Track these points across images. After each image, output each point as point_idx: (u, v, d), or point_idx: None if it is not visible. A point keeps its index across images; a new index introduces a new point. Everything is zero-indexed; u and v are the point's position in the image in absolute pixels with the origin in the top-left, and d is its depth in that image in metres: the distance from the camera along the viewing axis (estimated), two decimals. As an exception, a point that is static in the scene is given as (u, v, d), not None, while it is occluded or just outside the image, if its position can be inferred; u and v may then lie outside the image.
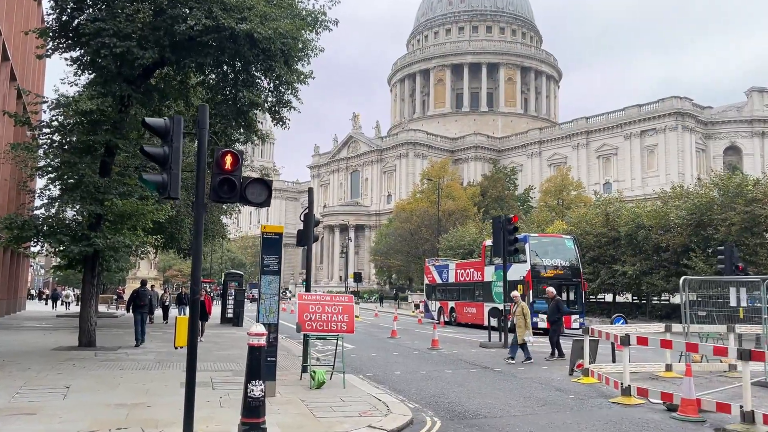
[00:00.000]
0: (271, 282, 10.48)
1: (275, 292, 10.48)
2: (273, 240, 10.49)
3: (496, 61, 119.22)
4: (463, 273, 34.07)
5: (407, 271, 68.11)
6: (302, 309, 11.67)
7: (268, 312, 10.37)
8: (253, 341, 7.33)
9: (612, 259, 33.30)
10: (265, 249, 10.41)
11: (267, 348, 9.16)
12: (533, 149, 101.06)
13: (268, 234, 10.45)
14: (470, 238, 49.54)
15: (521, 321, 16.65)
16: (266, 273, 10.45)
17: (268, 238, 10.44)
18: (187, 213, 26.52)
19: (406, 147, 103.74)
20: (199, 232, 7.68)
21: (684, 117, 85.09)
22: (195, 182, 7.82)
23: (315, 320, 11.66)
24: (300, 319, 11.58)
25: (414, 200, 68.80)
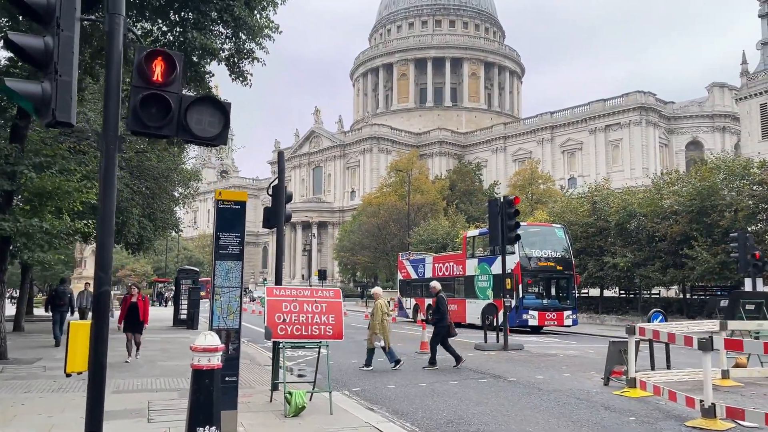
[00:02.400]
0: (230, 270, 7.48)
1: (236, 285, 7.46)
2: (233, 211, 7.50)
3: (460, 56, 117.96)
4: (442, 267, 31.40)
5: (373, 268, 65.32)
6: (273, 308, 8.67)
7: (225, 312, 7.34)
8: (201, 361, 4.37)
9: (600, 250, 31.18)
10: (221, 223, 7.41)
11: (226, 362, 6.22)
12: (498, 144, 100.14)
13: (226, 203, 7.46)
14: (443, 232, 47.03)
15: (375, 322, 13.84)
16: (223, 257, 7.46)
17: (226, 208, 7.45)
18: (132, 197, 23.09)
19: (370, 142, 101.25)
20: (110, 184, 4.69)
21: (648, 112, 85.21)
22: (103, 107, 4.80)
23: (290, 323, 8.67)
24: (270, 321, 8.57)
25: (381, 194, 66.02)
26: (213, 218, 7.60)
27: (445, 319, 14.29)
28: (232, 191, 7.77)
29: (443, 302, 14.47)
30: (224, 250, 7.45)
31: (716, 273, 24.94)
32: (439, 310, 14.38)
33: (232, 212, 7.56)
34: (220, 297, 7.39)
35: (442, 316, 14.30)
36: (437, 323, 14.37)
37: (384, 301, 14.48)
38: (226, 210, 7.52)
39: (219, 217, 7.45)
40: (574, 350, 18.10)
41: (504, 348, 17.49)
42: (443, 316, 14.28)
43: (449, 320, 14.39)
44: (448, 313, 14.47)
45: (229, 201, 7.54)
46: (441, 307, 14.38)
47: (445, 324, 14.25)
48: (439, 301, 14.54)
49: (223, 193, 7.48)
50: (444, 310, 14.32)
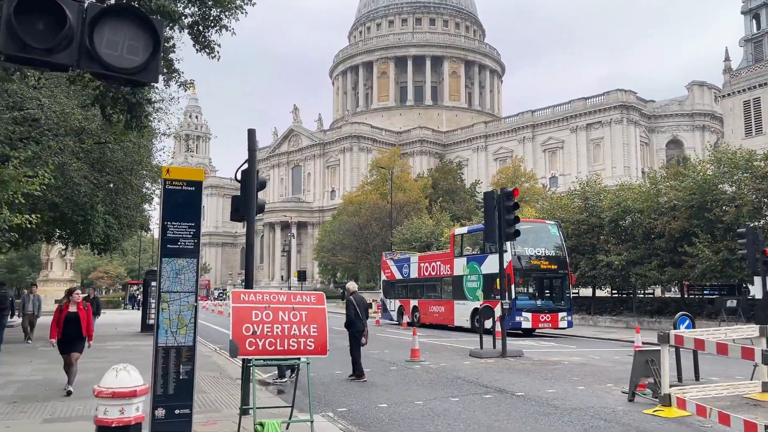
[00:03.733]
0: (181, 271, 5.83)
1: (189, 289, 5.78)
2: (186, 195, 5.85)
3: (441, 54, 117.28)
4: (428, 267, 29.84)
5: (355, 269, 63.57)
6: (240, 317, 6.98)
7: (175, 325, 5.65)
8: (109, 414, 2.73)
9: (593, 248, 29.87)
10: (170, 210, 5.76)
11: (177, 390, 4.55)
12: (479, 143, 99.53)
13: (177, 183, 5.78)
14: (427, 230, 45.49)
15: None
16: (172, 254, 5.78)
17: (176, 190, 5.77)
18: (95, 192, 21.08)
19: (350, 140, 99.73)
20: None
21: (629, 110, 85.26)
22: None
23: (262, 335, 7.00)
24: (236, 333, 6.89)
25: (362, 192, 64.28)
26: (161, 202, 5.89)
27: (355, 325, 12.53)
28: (186, 168, 6.11)
29: (352, 306, 12.59)
30: (174, 244, 5.78)
31: (718, 271, 23.76)
32: (347, 316, 12.66)
33: (185, 196, 5.89)
34: (168, 305, 5.69)
35: (350, 321, 12.57)
36: (349, 329, 12.61)
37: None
38: (177, 193, 5.85)
39: (167, 202, 5.79)
40: (578, 356, 16.64)
41: (502, 355, 15.96)
42: (351, 321, 12.55)
43: (364, 326, 12.62)
44: (363, 317, 12.63)
45: (181, 181, 5.88)
46: (349, 311, 12.61)
47: (357, 330, 12.51)
48: (347, 306, 12.75)
49: (172, 171, 5.81)
50: (352, 315, 12.55)
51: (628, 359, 15.93)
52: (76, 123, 19.19)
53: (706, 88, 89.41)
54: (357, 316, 12.47)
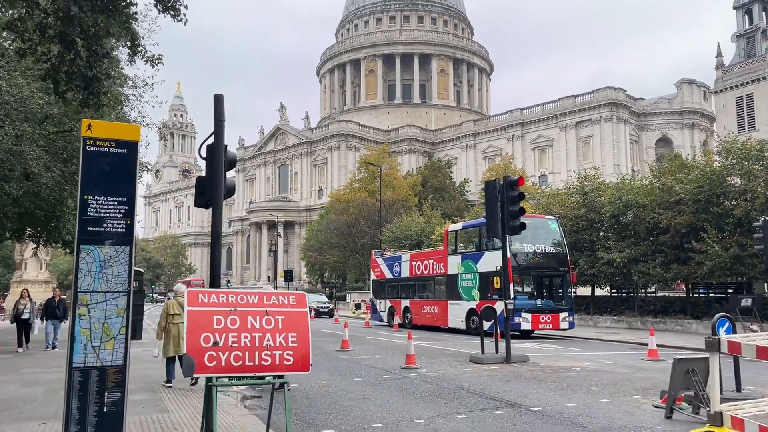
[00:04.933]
0: (107, 262, 4.30)
1: (121, 288, 4.25)
2: (114, 158, 4.33)
3: (429, 52, 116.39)
4: (420, 266, 28.37)
5: (343, 268, 62.04)
6: (197, 324, 5.46)
7: (99, 337, 4.13)
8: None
9: (592, 245, 28.56)
10: (91, 179, 4.26)
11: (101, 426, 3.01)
12: (468, 142, 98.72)
13: (101, 144, 4.23)
14: (418, 228, 44.02)
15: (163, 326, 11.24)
16: (95, 239, 4.23)
17: (100, 152, 4.21)
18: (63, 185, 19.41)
19: (338, 139, 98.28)
20: None
21: (618, 108, 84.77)
22: None
23: (227, 347, 5.49)
24: (192, 345, 5.37)
25: (351, 190, 62.72)
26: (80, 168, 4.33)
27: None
28: (116, 123, 4.55)
29: None
30: (97, 225, 4.27)
31: (728, 268, 22.51)
32: None
33: (114, 160, 4.39)
34: (87, 310, 4.15)
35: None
36: None
37: (176, 302, 11.42)
38: (102, 156, 4.35)
39: (88, 169, 4.30)
40: (588, 361, 15.23)
41: (506, 360, 14.52)
42: None
43: None
44: None
45: (108, 141, 4.36)
46: None
47: None
48: None
49: (97, 126, 4.25)
50: None
51: (644, 365, 14.57)
52: (36, 108, 17.51)
53: (695, 86, 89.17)
54: None
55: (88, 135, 4.40)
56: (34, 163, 16.99)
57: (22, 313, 17.77)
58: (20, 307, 17.88)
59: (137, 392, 10.17)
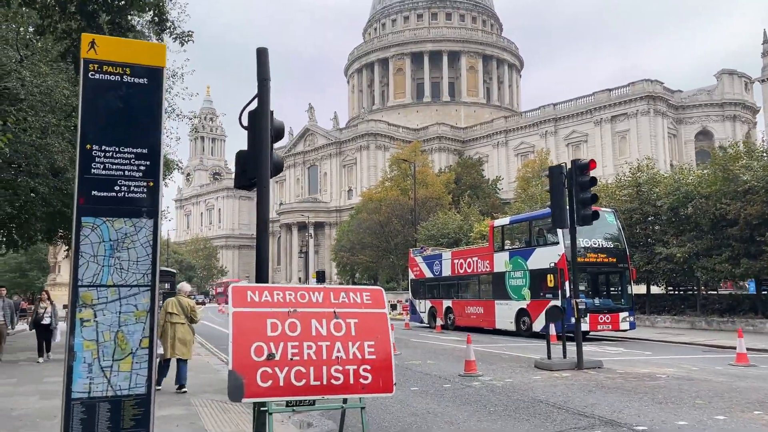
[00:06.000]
0: (121, 243, 2.85)
1: (142, 280, 2.83)
2: (128, 89, 2.85)
3: (458, 49, 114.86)
4: (463, 263, 26.82)
5: (375, 268, 60.73)
6: (246, 330, 4.10)
7: (109, 354, 2.73)
8: None
9: (647, 240, 26.64)
10: (95, 119, 2.78)
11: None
12: (499, 139, 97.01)
13: (110, 70, 2.82)
14: (455, 226, 42.41)
15: (161, 324, 10.40)
16: (101, 209, 2.81)
17: (109, 82, 2.80)
18: None
19: (367, 138, 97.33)
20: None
21: (655, 101, 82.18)
22: None
23: (285, 360, 4.12)
24: (239, 359, 4.00)
25: (383, 188, 61.36)
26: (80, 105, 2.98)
27: None
28: (131, 41, 3.20)
29: None
30: (105, 189, 2.95)
31: (808, 262, 20.54)
32: None
33: (129, 94, 3.02)
34: (93, 313, 2.79)
35: None
36: None
37: (176, 300, 10.73)
38: (112, 88, 2.95)
39: (91, 106, 2.90)
40: (670, 367, 13.55)
41: (578, 366, 12.93)
42: None
43: None
44: None
45: (120, 66, 2.97)
46: None
47: None
48: None
49: (102, 44, 2.93)
50: None
51: (737, 371, 12.86)
52: (62, 98, 16.52)
53: (736, 77, 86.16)
54: None
55: (90, 57, 3.08)
56: (59, 156, 15.99)
57: (41, 317, 15.56)
58: (40, 311, 15.76)
59: (168, 405, 8.94)
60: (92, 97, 3.18)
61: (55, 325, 15.23)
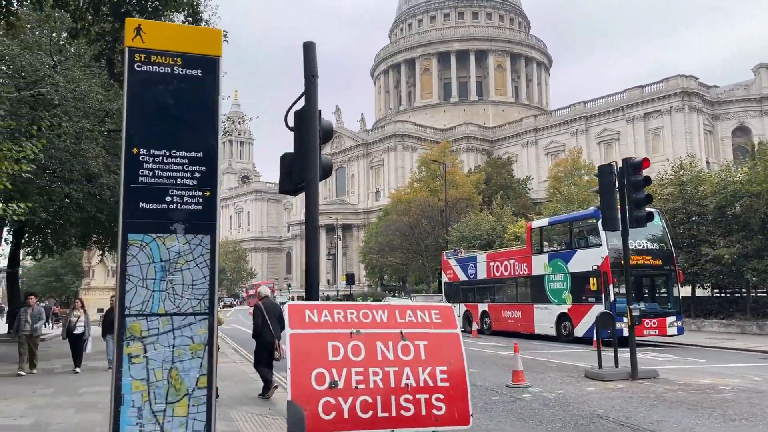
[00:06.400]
0: (175, 262, 2.38)
1: (201, 308, 2.37)
2: (180, 82, 2.39)
3: (485, 48, 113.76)
4: (499, 266, 26.14)
5: (405, 270, 60.18)
6: (305, 353, 3.61)
7: (161, 397, 2.26)
8: None
9: (692, 240, 25.63)
10: (140, 117, 2.31)
11: None
12: (528, 138, 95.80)
13: (159, 60, 2.35)
14: (488, 227, 41.64)
15: None
16: (152, 225, 2.35)
17: (158, 74, 2.33)
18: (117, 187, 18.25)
19: (394, 139, 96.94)
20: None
21: (690, 97, 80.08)
22: None
23: (349, 389, 3.61)
24: (298, 387, 3.51)
25: (412, 190, 60.79)
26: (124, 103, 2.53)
27: (262, 337, 10.64)
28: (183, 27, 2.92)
29: (260, 313, 10.67)
30: (155, 199, 2.49)
31: None
32: (254, 325, 10.79)
33: (182, 89, 2.53)
34: (143, 347, 2.33)
35: (257, 331, 10.70)
36: (257, 340, 10.82)
37: None
38: (161, 81, 2.49)
39: (137, 102, 2.43)
40: (731, 377, 12.75)
41: (632, 376, 12.23)
42: (259, 331, 10.66)
43: (273, 336, 10.53)
44: (275, 326, 10.52)
45: (171, 56, 2.51)
46: (256, 320, 10.76)
47: (265, 342, 10.65)
48: (254, 313, 10.90)
49: (149, 30, 2.48)
50: (260, 323, 10.63)
51: None
52: (95, 103, 16.41)
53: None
54: (265, 325, 10.58)
55: (136, 45, 2.65)
56: (93, 162, 15.87)
57: (74, 327, 15.01)
58: (72, 320, 15.22)
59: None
60: (138, 93, 2.74)
61: (88, 335, 14.83)
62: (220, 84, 2.88)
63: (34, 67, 15.95)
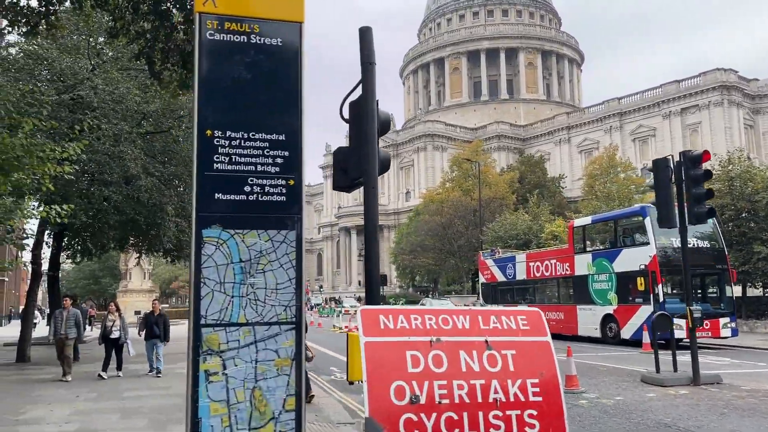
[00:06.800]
0: (256, 262, 2.01)
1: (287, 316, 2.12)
2: (258, 53, 2.01)
3: (515, 46, 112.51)
4: (540, 266, 25.47)
5: (438, 271, 59.57)
6: (383, 365, 3.20)
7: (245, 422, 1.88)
8: None
9: (742, 238, 24.61)
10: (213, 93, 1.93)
11: None
12: (561, 136, 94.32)
13: (234, 27, 1.97)
14: (524, 226, 40.84)
15: None
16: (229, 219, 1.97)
17: (233, 43, 1.95)
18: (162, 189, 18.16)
19: (424, 140, 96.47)
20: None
21: (730, 91, 77.77)
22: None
23: (431, 406, 3.21)
24: (377, 401, 3.13)
25: (444, 189, 60.19)
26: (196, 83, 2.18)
27: None
28: None
29: None
30: (231, 189, 2.10)
31: None
32: None
33: (259, 61, 2.13)
34: (221, 363, 1.95)
35: None
36: None
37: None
38: (237, 52, 2.10)
39: (211, 75, 2.06)
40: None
41: (694, 382, 11.59)
42: None
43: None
44: None
45: (247, 22, 2.12)
46: None
47: None
48: None
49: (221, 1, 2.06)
50: None
51: None
52: (133, 105, 16.36)
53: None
54: None
55: (208, 10, 2.31)
56: (132, 164, 15.79)
57: (110, 331, 14.52)
58: (108, 324, 14.64)
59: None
60: (211, 66, 2.41)
61: (125, 339, 14.41)
62: (303, 55, 2.53)
63: (73, 70, 15.97)
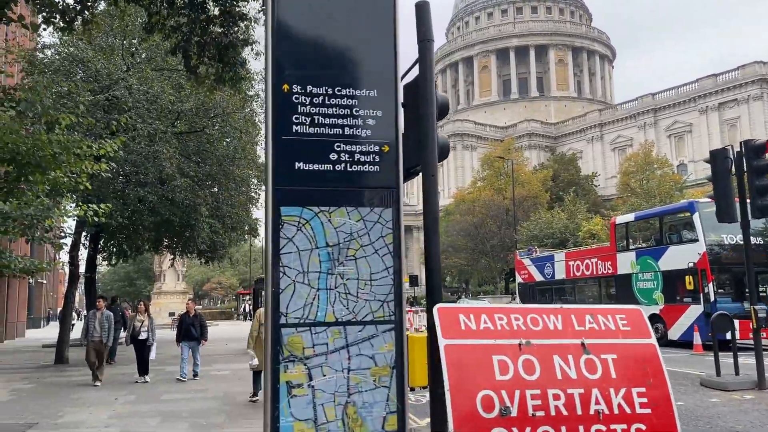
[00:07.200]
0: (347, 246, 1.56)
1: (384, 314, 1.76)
2: None
3: (545, 43, 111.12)
4: (580, 265, 24.72)
5: (470, 271, 58.88)
6: (466, 371, 2.76)
7: None
8: None
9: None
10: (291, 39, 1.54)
11: None
12: (593, 133, 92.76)
13: None
14: (560, 225, 39.97)
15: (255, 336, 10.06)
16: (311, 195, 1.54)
17: None
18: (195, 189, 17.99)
19: (454, 139, 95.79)
20: None
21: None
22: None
23: (524, 419, 2.75)
24: (461, 411, 2.68)
25: (475, 189, 59.47)
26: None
27: None
28: None
29: None
30: (315, 158, 1.69)
31: None
32: None
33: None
34: (307, 372, 1.55)
35: None
36: None
37: None
38: None
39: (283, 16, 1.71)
40: None
41: (760, 386, 10.88)
42: None
43: None
44: None
45: None
46: None
47: None
48: None
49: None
50: None
51: None
52: (167, 104, 16.23)
53: None
54: None
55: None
56: (167, 163, 15.68)
57: (138, 332, 13.95)
58: (136, 325, 14.13)
59: None
60: (288, 5, 2.01)
61: (152, 340, 14.02)
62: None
63: (108, 70, 15.93)
